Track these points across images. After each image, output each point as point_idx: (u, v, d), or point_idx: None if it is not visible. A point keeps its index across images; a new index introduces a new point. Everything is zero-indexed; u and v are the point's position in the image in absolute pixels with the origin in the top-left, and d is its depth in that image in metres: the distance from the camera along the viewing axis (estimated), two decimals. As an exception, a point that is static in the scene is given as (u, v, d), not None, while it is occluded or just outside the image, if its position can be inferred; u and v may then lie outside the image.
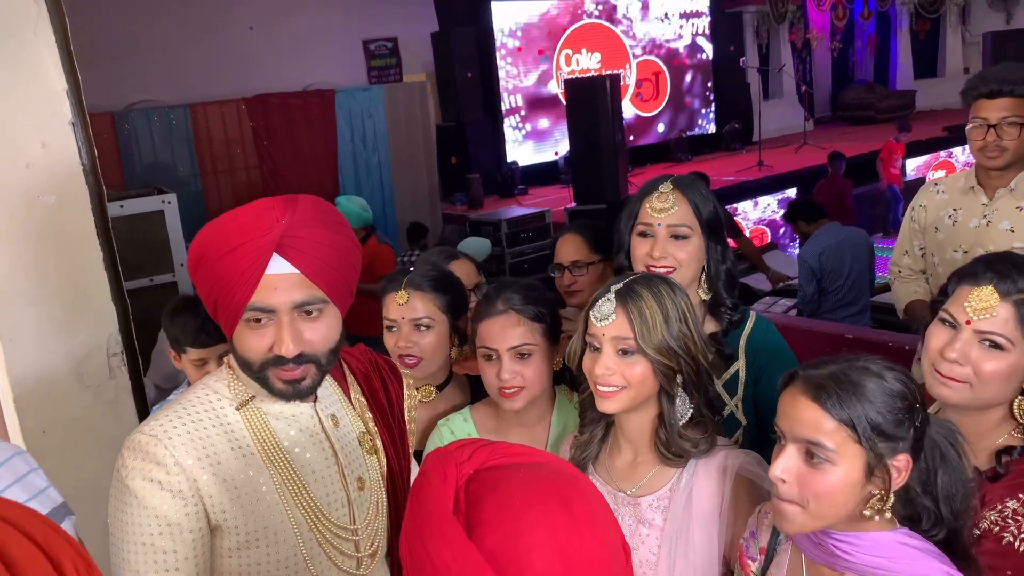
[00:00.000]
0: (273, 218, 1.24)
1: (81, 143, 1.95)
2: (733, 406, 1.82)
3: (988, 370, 1.39)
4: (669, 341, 1.46)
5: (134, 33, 8.15)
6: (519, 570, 0.79)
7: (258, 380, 1.31)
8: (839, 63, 15.83)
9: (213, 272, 1.25)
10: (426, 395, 1.99)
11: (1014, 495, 1.34)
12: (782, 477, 1.21)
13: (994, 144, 2.51)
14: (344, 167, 8.49)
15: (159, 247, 4.57)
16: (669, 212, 1.78)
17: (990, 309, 1.39)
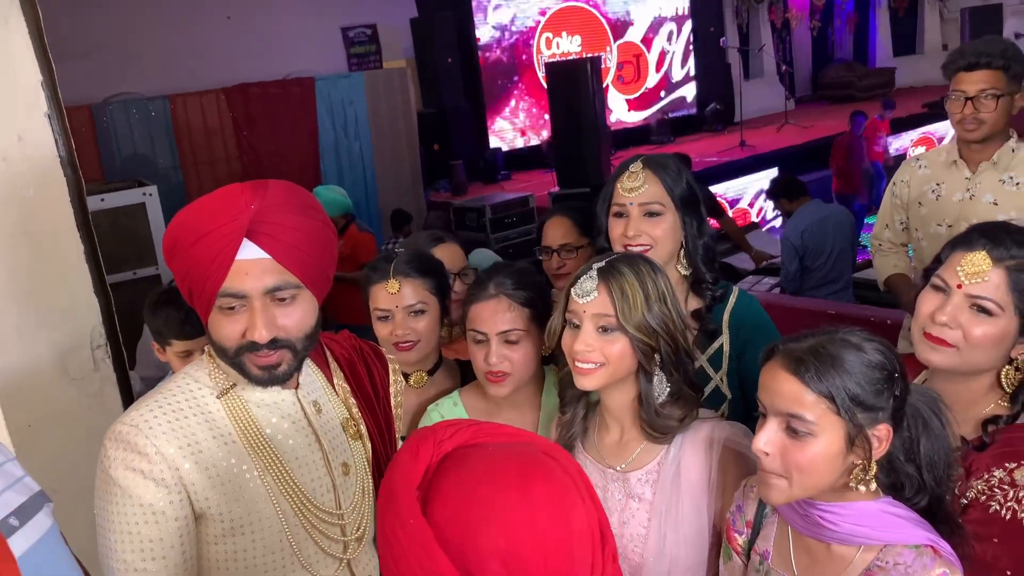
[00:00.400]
0: (242, 204, 1.24)
1: (58, 135, 1.94)
2: (718, 380, 1.85)
3: (977, 334, 1.40)
4: (649, 320, 1.47)
5: (110, 25, 8.06)
6: (463, 544, 0.80)
7: (234, 366, 1.31)
8: (819, 42, 15.86)
9: (186, 259, 1.26)
10: (417, 381, 2.00)
11: (1000, 464, 1.36)
12: (765, 450, 1.23)
13: (972, 116, 2.53)
14: (326, 155, 8.44)
15: (141, 240, 4.55)
16: (640, 191, 1.81)
17: (982, 274, 1.40)
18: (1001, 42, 2.62)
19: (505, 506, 0.82)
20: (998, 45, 2.57)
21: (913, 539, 1.21)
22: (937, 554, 1.19)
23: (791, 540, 1.34)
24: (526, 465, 0.86)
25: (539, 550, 0.81)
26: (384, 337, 1.93)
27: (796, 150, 10.37)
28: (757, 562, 1.38)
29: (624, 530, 1.56)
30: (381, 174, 8.76)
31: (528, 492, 0.83)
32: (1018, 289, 1.39)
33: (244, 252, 1.24)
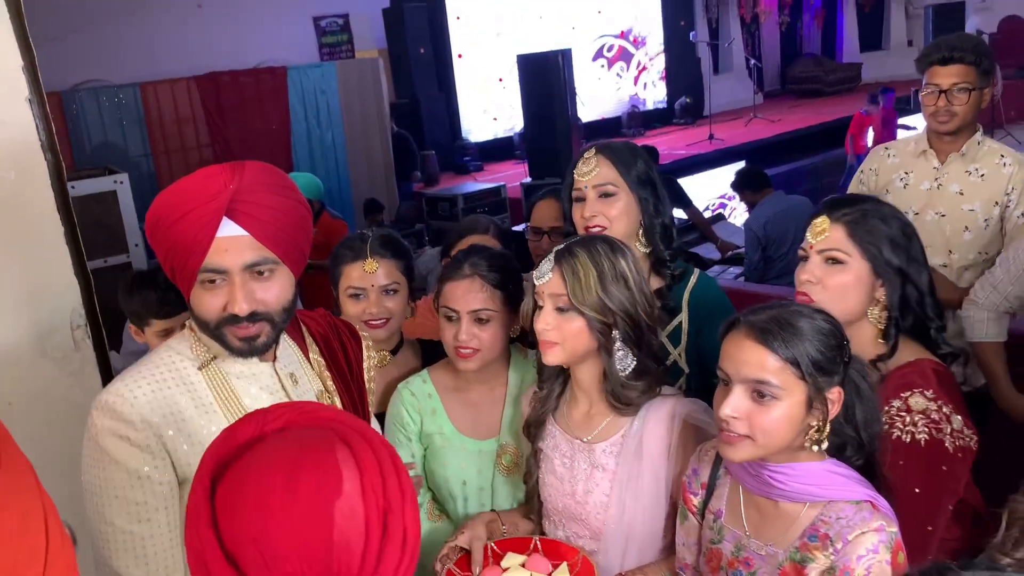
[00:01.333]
0: (221, 183, 1.30)
1: (38, 119, 1.97)
2: (676, 355, 1.94)
3: (835, 283, 1.61)
4: (604, 299, 1.55)
5: (80, 12, 8.00)
6: (227, 525, 0.87)
7: (215, 338, 1.38)
8: (787, 37, 16.06)
9: (168, 238, 1.32)
10: (381, 360, 2.06)
11: (896, 395, 1.54)
12: (733, 415, 1.32)
13: (944, 109, 2.62)
14: (298, 145, 8.45)
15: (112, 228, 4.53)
16: (592, 174, 1.91)
17: (824, 232, 1.62)
18: (973, 38, 2.74)
19: (264, 490, 0.86)
20: (970, 41, 2.68)
21: (854, 495, 1.31)
22: (875, 508, 1.30)
23: (742, 499, 1.44)
24: (306, 451, 0.89)
25: (290, 536, 0.84)
26: (355, 315, 1.98)
27: (764, 143, 10.54)
28: (711, 520, 1.48)
29: (588, 498, 1.65)
30: (353, 164, 8.78)
31: (292, 479, 0.86)
32: (857, 237, 1.60)
33: (224, 230, 1.30)
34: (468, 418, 1.93)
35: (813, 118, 11.79)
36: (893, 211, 1.67)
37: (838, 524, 1.29)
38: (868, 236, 1.60)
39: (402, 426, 1.95)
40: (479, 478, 1.92)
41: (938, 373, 1.58)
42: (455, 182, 9.42)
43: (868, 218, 1.62)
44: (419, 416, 1.94)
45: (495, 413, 1.93)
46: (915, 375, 1.57)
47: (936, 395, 1.52)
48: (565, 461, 1.70)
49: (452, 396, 1.94)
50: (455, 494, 1.93)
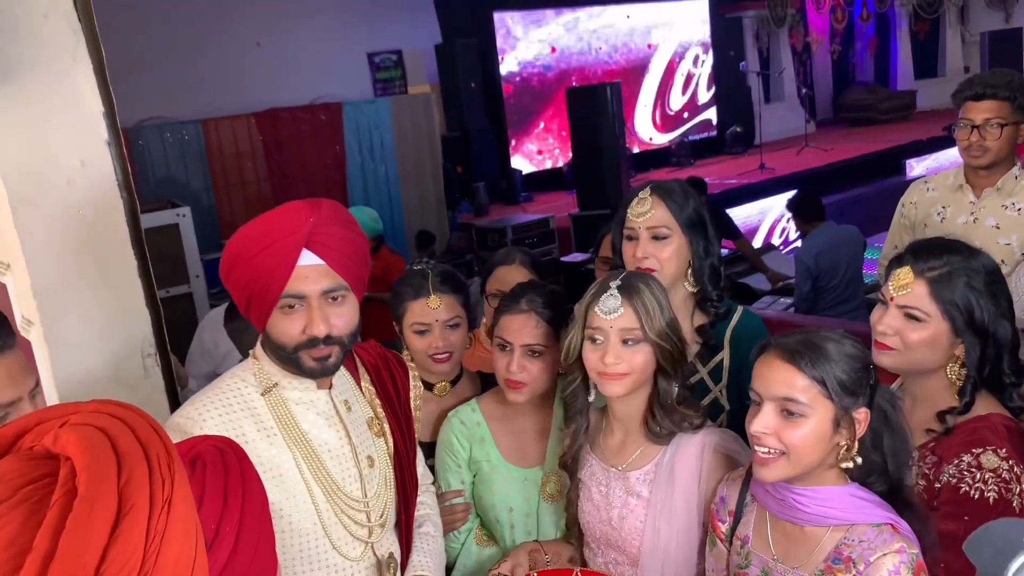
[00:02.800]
0: (302, 217, 1.42)
1: (115, 160, 2.11)
2: (717, 392, 1.98)
3: (912, 339, 1.60)
4: (664, 325, 1.64)
5: (144, 52, 8.32)
6: None
7: (290, 361, 1.48)
8: (839, 65, 15.94)
9: (250, 268, 1.42)
10: (441, 390, 2.14)
11: (968, 450, 1.54)
12: (763, 431, 1.39)
13: (978, 144, 2.65)
14: (352, 178, 8.66)
15: (174, 259, 4.71)
16: (647, 215, 1.95)
17: (907, 286, 1.61)
18: (1009, 74, 2.75)
19: None
20: (1005, 76, 2.70)
21: (875, 518, 1.37)
22: (896, 530, 1.35)
23: (768, 525, 1.50)
24: None
25: None
26: (422, 350, 2.05)
27: (816, 172, 10.46)
28: (739, 546, 1.54)
29: (623, 524, 1.71)
30: (406, 196, 8.97)
31: None
32: (940, 297, 1.58)
33: (303, 259, 1.43)
34: (514, 447, 2.00)
35: (866, 146, 11.67)
36: (984, 264, 1.63)
37: (860, 547, 1.35)
38: (951, 296, 1.58)
39: (452, 453, 2.02)
40: (525, 505, 1.98)
41: (1010, 430, 1.57)
42: (505, 213, 9.54)
43: (954, 277, 1.59)
44: (468, 444, 2.01)
45: (541, 442, 1.99)
46: (988, 431, 1.56)
47: (1008, 454, 1.51)
48: (601, 489, 1.76)
49: (499, 425, 2.01)
50: (502, 520, 1.99)
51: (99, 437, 0.81)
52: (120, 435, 0.82)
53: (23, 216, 1.98)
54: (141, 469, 0.80)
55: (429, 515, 1.85)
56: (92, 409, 0.86)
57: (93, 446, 0.79)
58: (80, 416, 0.84)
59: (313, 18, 9.84)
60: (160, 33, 8.57)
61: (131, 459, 0.80)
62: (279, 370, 1.52)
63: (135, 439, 0.82)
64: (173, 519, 0.80)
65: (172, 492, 0.81)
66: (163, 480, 0.81)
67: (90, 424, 0.83)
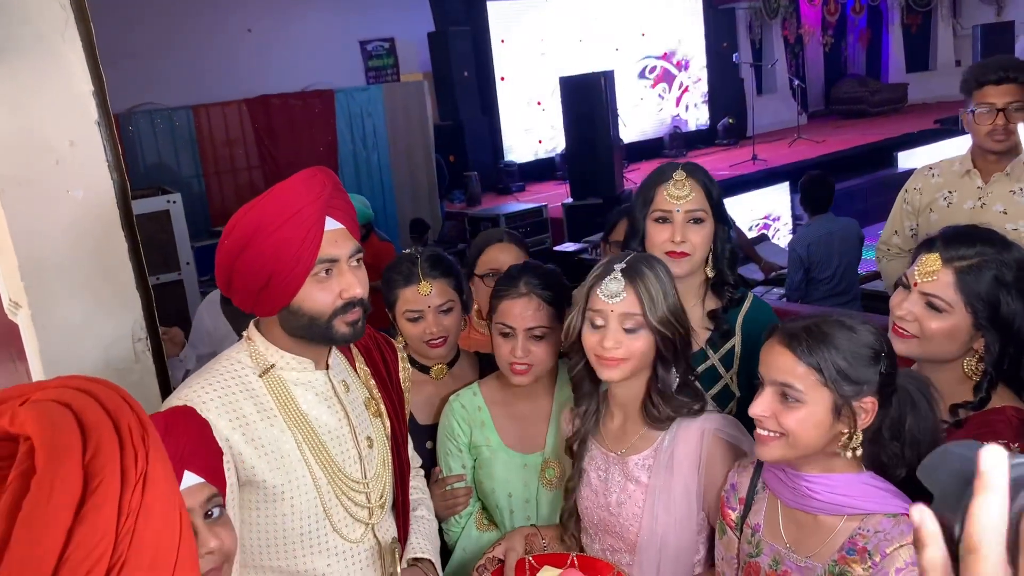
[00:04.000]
0: (320, 184, 1.41)
1: (106, 141, 2.08)
2: (728, 379, 1.95)
3: (931, 328, 1.56)
4: (667, 313, 1.60)
5: (136, 38, 8.26)
6: None
7: (323, 332, 1.45)
8: (831, 57, 15.93)
9: (274, 240, 1.38)
10: (438, 373, 2.12)
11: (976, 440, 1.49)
12: (763, 414, 1.37)
13: (1003, 128, 2.60)
14: (344, 166, 8.61)
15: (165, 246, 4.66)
16: (687, 198, 1.90)
17: (933, 273, 1.55)
18: (1018, 60, 2.72)
19: None
20: (1015, 62, 2.67)
21: (891, 508, 1.33)
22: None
23: (780, 513, 1.46)
24: None
25: None
26: (416, 336, 2.03)
27: (808, 164, 10.45)
28: (749, 535, 1.51)
29: (622, 510, 1.69)
30: (398, 184, 8.92)
31: None
32: (965, 289, 1.52)
33: (328, 224, 1.42)
34: (515, 432, 1.98)
35: (858, 139, 11.68)
36: (1017, 259, 1.55)
37: (876, 537, 1.31)
38: (977, 289, 1.52)
39: (452, 437, 2.01)
40: (524, 491, 1.96)
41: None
42: (497, 202, 9.51)
43: (984, 269, 1.52)
44: (468, 428, 1.99)
45: (541, 427, 1.97)
46: (1002, 424, 1.51)
47: (1021, 448, 1.44)
48: (600, 474, 1.74)
49: (500, 409, 1.99)
50: (501, 506, 1.98)
51: (61, 411, 0.74)
52: (86, 408, 0.76)
53: (10, 196, 1.94)
54: (110, 442, 0.74)
55: (422, 499, 1.84)
56: (57, 385, 0.80)
57: (53, 422, 0.73)
58: (43, 393, 0.78)
59: (305, 5, 9.79)
60: (150, 19, 8.51)
61: (98, 432, 0.74)
62: (276, 350, 1.50)
63: (102, 411, 0.77)
64: (150, 496, 0.74)
65: (148, 466, 0.75)
66: (135, 453, 0.75)
67: (53, 400, 0.76)
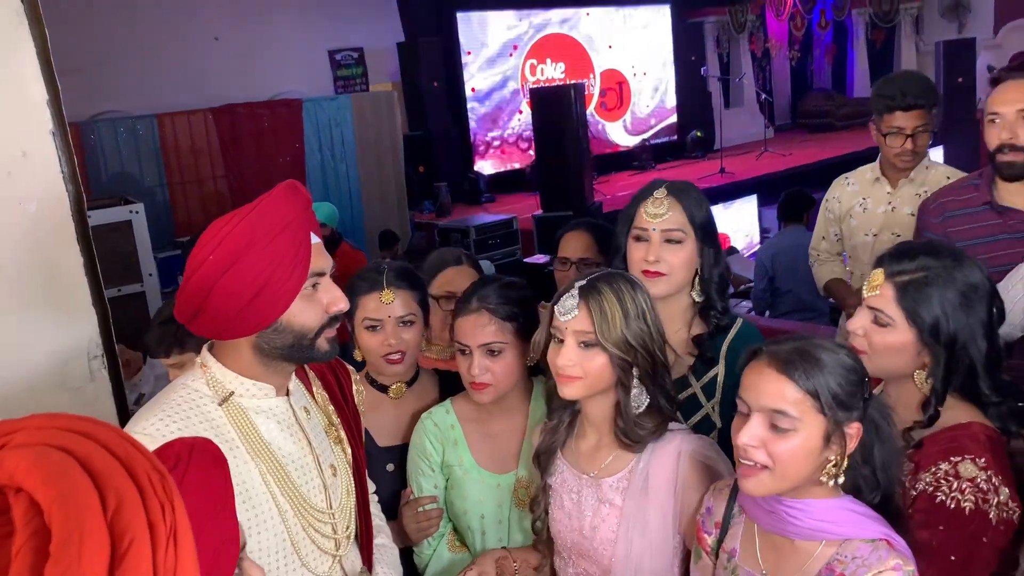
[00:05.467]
0: (303, 198, 1.39)
1: (61, 151, 2.00)
2: (710, 408, 1.89)
3: (877, 343, 1.56)
4: (627, 336, 1.55)
5: (99, 44, 8.11)
6: None
7: (306, 350, 1.40)
8: (798, 72, 16.13)
9: (268, 252, 1.31)
10: (396, 392, 2.06)
11: (946, 458, 1.48)
12: (751, 444, 1.31)
13: (911, 151, 2.88)
14: (312, 176, 8.51)
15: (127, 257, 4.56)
16: (663, 217, 1.85)
17: (876, 287, 1.57)
18: (924, 81, 2.97)
19: None
20: (922, 84, 2.91)
21: (869, 534, 1.30)
22: (892, 547, 1.29)
23: (757, 538, 1.43)
24: None
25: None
26: (374, 348, 1.96)
27: (775, 177, 10.55)
28: (726, 560, 1.47)
29: (595, 534, 1.65)
30: (367, 195, 8.84)
31: None
32: (905, 303, 1.53)
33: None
34: (488, 451, 1.93)
35: (824, 152, 11.82)
36: (965, 275, 1.54)
37: (854, 563, 1.28)
38: (916, 304, 1.52)
39: (424, 456, 1.95)
40: (498, 512, 1.92)
41: (992, 440, 1.52)
42: (467, 214, 9.46)
43: (926, 285, 1.52)
44: (441, 446, 1.94)
45: (514, 445, 1.93)
46: (968, 439, 1.50)
47: (987, 464, 1.46)
48: (573, 496, 1.70)
49: (473, 427, 1.95)
50: (473, 527, 1.93)
51: (61, 458, 0.63)
52: (92, 454, 0.65)
53: (-41, 209, 1.87)
54: (130, 493, 0.64)
55: (380, 526, 1.78)
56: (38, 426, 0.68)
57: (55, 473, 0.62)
58: (26, 434, 0.66)
59: (273, 13, 9.69)
60: (114, 25, 8.37)
61: (115, 482, 0.64)
62: (235, 376, 1.42)
63: (111, 457, 0.66)
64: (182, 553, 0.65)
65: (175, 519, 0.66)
66: (162, 504, 0.65)
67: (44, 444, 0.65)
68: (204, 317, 1.35)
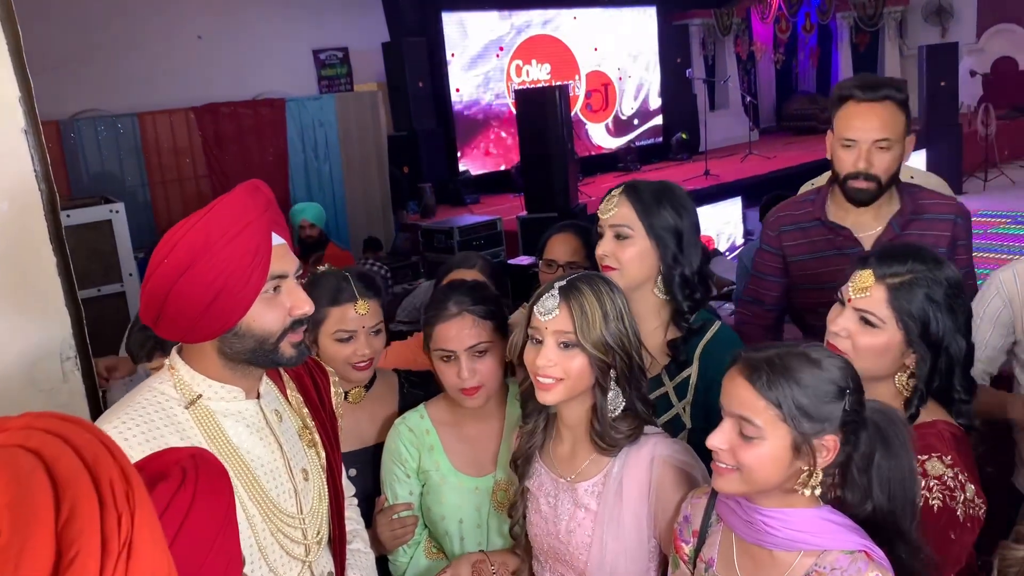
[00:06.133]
0: (264, 198, 1.36)
1: (33, 150, 1.98)
2: (680, 409, 1.89)
3: (862, 344, 1.55)
4: (606, 337, 1.55)
5: (80, 41, 8.04)
6: None
7: (268, 355, 1.38)
8: (783, 75, 16.21)
9: (226, 254, 1.29)
10: (356, 396, 2.04)
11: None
12: (720, 447, 1.31)
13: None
14: (295, 176, 8.47)
15: (107, 257, 4.52)
16: (611, 213, 1.89)
17: (866, 289, 1.55)
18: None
19: None
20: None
21: (848, 545, 1.28)
22: (870, 558, 1.27)
23: (735, 547, 1.41)
24: None
25: None
26: (346, 357, 1.93)
27: (759, 180, 10.59)
28: (703, 569, 1.45)
29: (571, 538, 1.64)
30: (351, 196, 8.80)
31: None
32: (897, 305, 1.53)
33: (273, 240, 1.36)
34: (465, 454, 1.92)
35: (808, 155, 11.84)
36: (947, 277, 1.56)
37: (833, 574, 1.27)
38: (909, 307, 1.52)
39: (400, 463, 1.93)
40: (476, 515, 1.90)
41: (956, 438, 1.54)
42: (451, 214, 9.44)
43: (916, 286, 1.53)
44: (417, 452, 1.92)
45: (491, 448, 1.92)
46: (934, 438, 1.51)
47: (954, 462, 1.47)
48: (550, 500, 1.69)
49: (449, 431, 1.93)
50: (451, 532, 1.91)
51: (28, 462, 0.63)
52: (59, 458, 0.64)
53: (-72, 208, 1.84)
54: (88, 502, 0.62)
55: (357, 531, 1.76)
56: (23, 425, 0.67)
57: (18, 476, 0.61)
58: (7, 436, 0.66)
59: (257, 12, 9.64)
60: (96, 23, 8.29)
61: (74, 489, 0.62)
62: (203, 379, 1.40)
63: (78, 461, 0.65)
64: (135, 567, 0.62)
65: (132, 531, 0.64)
66: (119, 515, 0.64)
67: (18, 445, 0.64)
68: (165, 321, 1.34)
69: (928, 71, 10.45)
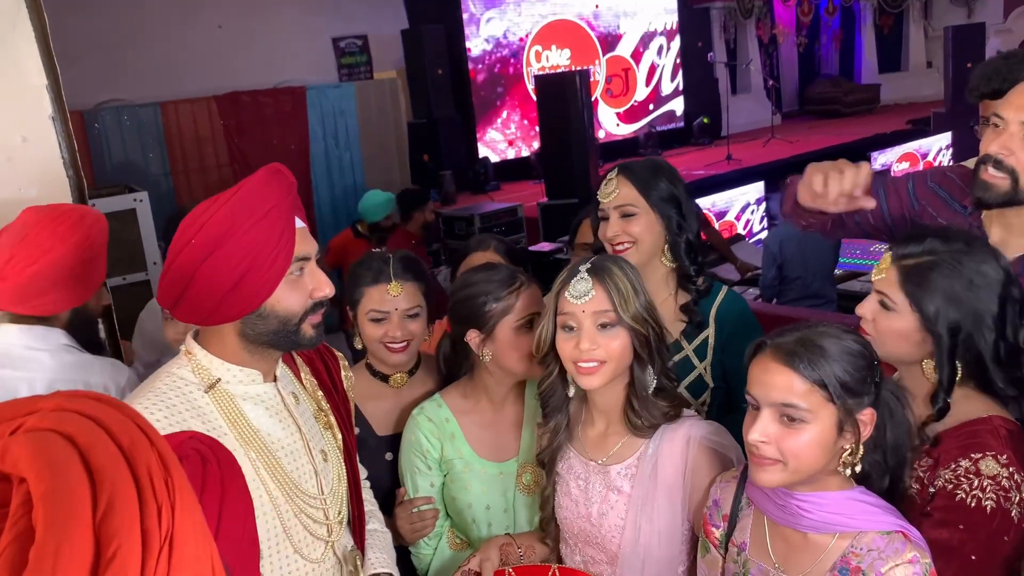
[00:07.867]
0: (287, 180, 1.37)
1: (61, 137, 2.00)
2: (702, 369, 1.97)
3: (882, 327, 1.51)
4: (640, 310, 1.55)
5: (102, 32, 8.09)
6: None
7: (290, 336, 1.39)
8: (805, 58, 16.03)
9: (251, 237, 1.30)
10: (398, 382, 2.04)
11: (966, 455, 1.42)
12: (762, 439, 1.29)
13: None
14: (316, 165, 8.48)
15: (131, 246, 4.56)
16: (613, 195, 1.97)
17: (883, 271, 1.51)
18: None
19: None
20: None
21: (884, 525, 1.27)
22: (907, 539, 1.26)
23: (767, 530, 1.40)
24: None
25: None
26: (376, 337, 1.95)
27: (782, 164, 10.48)
28: (735, 554, 1.44)
29: (603, 521, 1.63)
30: (371, 183, 8.79)
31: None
32: (908, 288, 1.45)
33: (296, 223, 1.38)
34: (486, 440, 1.91)
35: (831, 139, 11.74)
36: (976, 260, 1.43)
37: (870, 556, 1.26)
38: (920, 290, 1.44)
39: (421, 453, 1.91)
40: (503, 500, 1.90)
41: (1012, 434, 1.45)
42: (472, 202, 9.43)
43: (933, 269, 1.44)
44: (439, 442, 1.91)
45: (513, 432, 1.91)
46: (988, 434, 1.43)
47: (1009, 461, 1.39)
48: (580, 483, 1.68)
49: (468, 419, 1.92)
50: (479, 519, 1.90)
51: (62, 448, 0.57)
52: (95, 444, 0.59)
53: (-42, 195, 1.86)
54: (126, 494, 0.57)
55: (372, 511, 1.78)
56: (54, 406, 0.62)
57: (53, 464, 0.56)
58: (38, 417, 0.60)
59: (278, 1, 9.65)
60: (118, 13, 8.34)
61: (112, 480, 0.57)
62: (221, 363, 1.41)
63: (116, 449, 0.59)
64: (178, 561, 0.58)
65: (174, 525, 0.59)
66: (159, 507, 0.59)
67: (52, 429, 0.59)
68: (187, 303, 1.34)
69: (954, 53, 10.29)
